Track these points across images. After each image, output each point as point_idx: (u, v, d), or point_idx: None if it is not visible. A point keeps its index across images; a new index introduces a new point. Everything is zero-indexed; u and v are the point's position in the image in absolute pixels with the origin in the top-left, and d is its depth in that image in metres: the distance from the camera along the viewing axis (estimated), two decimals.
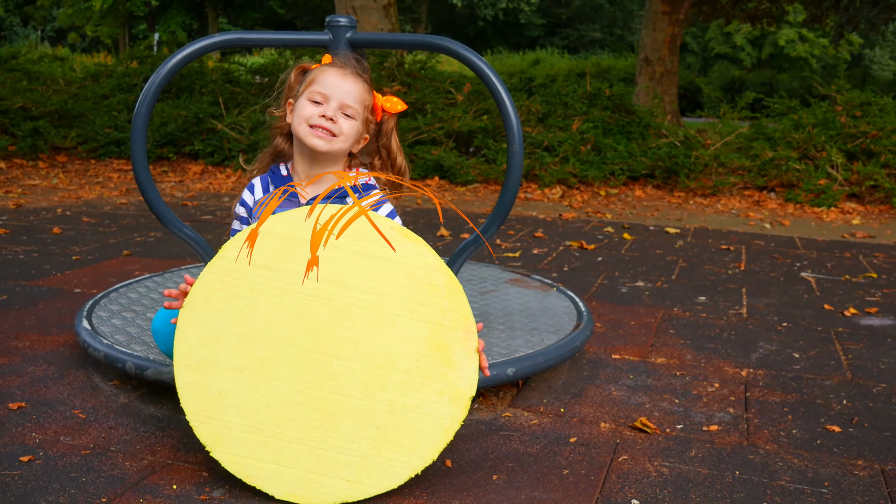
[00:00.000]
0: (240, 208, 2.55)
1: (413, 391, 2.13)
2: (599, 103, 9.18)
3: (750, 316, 3.99)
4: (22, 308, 3.76)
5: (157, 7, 36.47)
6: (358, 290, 2.14)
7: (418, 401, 2.13)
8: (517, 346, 2.92)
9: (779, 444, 2.55)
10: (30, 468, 2.24)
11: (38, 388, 2.82)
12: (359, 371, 2.13)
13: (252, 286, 2.15)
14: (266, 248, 2.15)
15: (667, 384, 3.04)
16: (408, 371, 2.13)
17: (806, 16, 21.85)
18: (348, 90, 2.44)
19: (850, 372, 3.22)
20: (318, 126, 2.39)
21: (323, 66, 2.50)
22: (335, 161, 2.49)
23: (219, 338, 2.14)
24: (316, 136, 2.39)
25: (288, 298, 2.14)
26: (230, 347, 2.14)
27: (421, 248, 2.17)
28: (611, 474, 2.32)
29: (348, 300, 2.14)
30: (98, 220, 6.01)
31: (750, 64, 34.55)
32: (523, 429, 2.62)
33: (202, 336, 2.14)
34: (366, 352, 2.13)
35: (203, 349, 2.14)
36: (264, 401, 2.13)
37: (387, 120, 2.59)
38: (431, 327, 2.14)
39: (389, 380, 2.13)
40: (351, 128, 2.44)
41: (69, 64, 12.74)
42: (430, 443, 2.13)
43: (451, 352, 2.14)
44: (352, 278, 2.14)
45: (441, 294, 2.15)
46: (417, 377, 2.13)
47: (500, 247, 5.44)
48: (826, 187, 7.69)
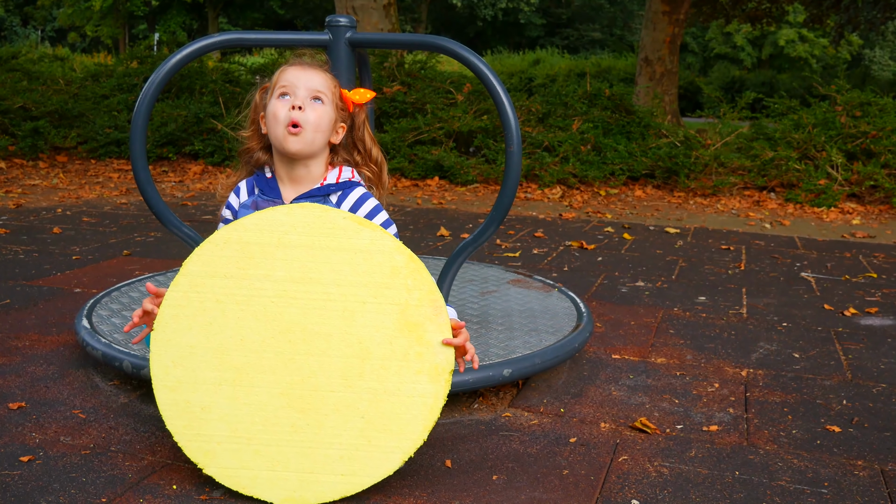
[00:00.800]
0: (226, 211, 2.55)
1: (392, 375, 2.13)
2: (599, 103, 9.18)
3: (750, 316, 3.99)
4: (22, 308, 3.75)
5: (157, 7, 36.50)
6: (322, 285, 2.15)
7: (399, 384, 2.13)
8: (515, 346, 2.92)
9: (779, 444, 2.55)
10: (30, 468, 2.24)
11: (38, 388, 2.82)
12: (336, 364, 2.13)
13: (218, 298, 2.15)
14: (226, 258, 2.16)
15: (667, 384, 3.04)
16: (384, 356, 2.13)
17: (806, 16, 21.86)
18: (312, 77, 2.44)
19: (850, 372, 3.22)
20: (290, 123, 2.37)
21: (283, 67, 2.51)
22: (316, 157, 2.47)
23: (193, 354, 2.14)
24: (290, 133, 2.37)
25: (254, 304, 2.14)
26: (206, 361, 2.14)
27: (377, 234, 2.17)
28: (611, 474, 2.31)
29: (314, 296, 2.14)
30: (98, 219, 6.01)
31: (750, 64, 34.56)
32: (523, 429, 2.62)
33: (176, 355, 2.14)
34: (339, 344, 2.14)
35: (179, 367, 2.14)
36: (247, 409, 2.13)
37: (358, 113, 2.58)
38: (400, 308, 2.15)
39: (367, 367, 2.13)
40: (321, 114, 2.42)
41: (69, 64, 12.75)
42: (418, 424, 2.13)
43: (423, 329, 2.14)
44: (314, 274, 2.15)
45: (403, 274, 2.16)
46: (394, 360, 2.13)
47: (501, 247, 5.44)
48: (826, 187, 7.69)
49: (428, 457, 2.38)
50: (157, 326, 2.15)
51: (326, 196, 2.45)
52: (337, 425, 2.12)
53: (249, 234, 2.16)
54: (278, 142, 2.39)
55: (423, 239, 5.63)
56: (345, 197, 2.46)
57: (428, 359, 2.14)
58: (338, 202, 2.45)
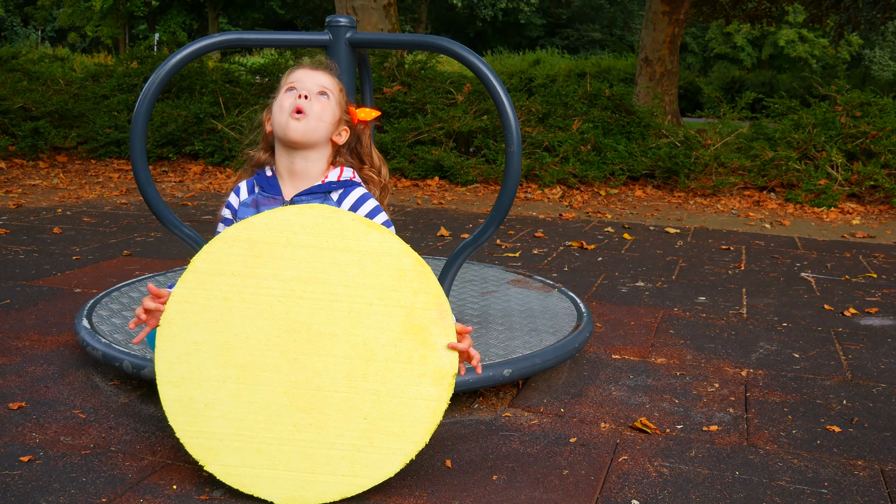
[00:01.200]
0: (225, 210, 2.56)
1: (396, 377, 2.13)
2: (599, 103, 9.18)
3: (750, 316, 3.99)
4: (22, 308, 3.76)
5: (157, 7, 36.51)
6: (329, 285, 2.15)
7: (402, 386, 2.13)
8: (515, 346, 2.92)
9: (779, 444, 2.55)
10: (30, 468, 2.24)
11: (38, 388, 2.82)
12: (340, 365, 2.13)
13: (225, 295, 2.15)
14: (234, 256, 2.16)
15: (667, 384, 3.04)
16: (388, 358, 2.14)
17: (806, 16, 21.86)
18: (319, 75, 2.51)
19: (850, 372, 3.22)
20: (295, 109, 2.41)
21: (291, 68, 2.56)
22: (317, 150, 2.48)
23: (198, 351, 2.14)
24: (293, 118, 2.40)
25: (261, 303, 2.15)
26: (210, 359, 2.14)
27: (385, 236, 2.17)
28: (611, 474, 2.31)
29: (321, 296, 2.15)
30: (98, 220, 6.01)
31: (750, 64, 34.57)
32: (523, 429, 2.62)
33: (181, 351, 2.14)
34: (344, 345, 2.14)
35: (184, 364, 2.14)
36: (251, 407, 2.13)
37: (363, 130, 2.63)
38: (405, 311, 2.15)
39: (371, 369, 2.13)
40: (325, 106, 2.46)
41: (69, 64, 12.74)
42: (421, 426, 2.13)
43: (428, 333, 2.15)
44: (321, 274, 2.15)
45: (410, 277, 2.16)
46: (398, 363, 2.14)
47: (501, 247, 5.44)
48: (826, 187, 7.69)
49: (428, 457, 2.38)
50: (163, 322, 2.15)
51: (327, 193, 2.46)
52: (339, 426, 2.12)
53: (258, 233, 2.17)
54: (281, 130, 2.42)
55: (423, 239, 5.63)
56: (345, 195, 2.47)
57: (432, 362, 2.14)
58: (338, 200, 2.46)
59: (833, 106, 8.77)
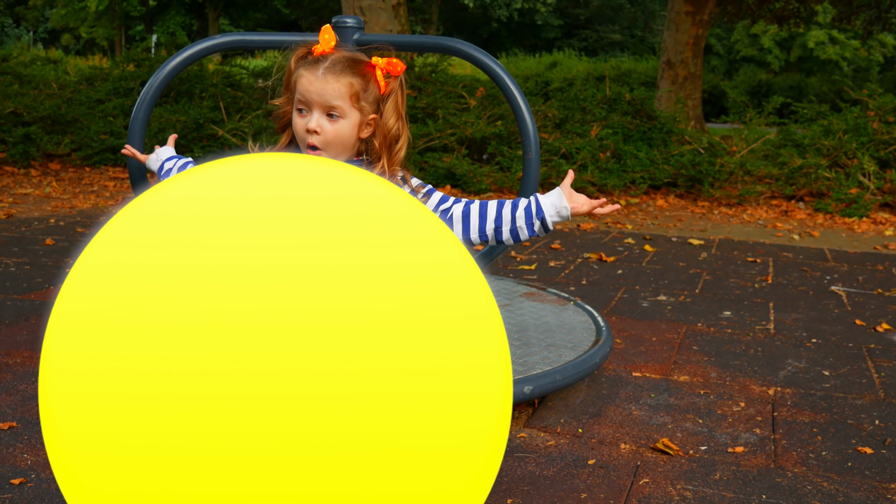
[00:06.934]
0: None
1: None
2: (619, 108, 9.20)
3: (777, 332, 3.99)
4: (13, 323, 3.78)
5: (154, 7, 36.69)
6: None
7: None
8: (534, 362, 2.92)
9: (808, 466, 2.55)
10: (21, 491, 2.25)
11: (29, 408, 2.83)
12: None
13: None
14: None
15: (690, 403, 3.04)
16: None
17: (834, 13, 21.83)
18: (324, 87, 2.39)
19: (883, 390, 3.22)
20: (308, 145, 2.40)
21: (299, 69, 2.46)
22: (343, 152, 2.47)
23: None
24: (309, 151, 2.40)
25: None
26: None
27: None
28: (631, 498, 2.32)
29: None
30: (93, 230, 6.02)
31: (777, 67, 34.53)
32: (539, 450, 2.62)
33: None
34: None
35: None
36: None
37: (388, 95, 2.52)
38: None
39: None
40: (338, 130, 2.42)
41: (63, 67, 12.84)
42: None
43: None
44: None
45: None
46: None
47: (516, 259, 5.45)
48: (857, 196, 7.68)
49: None
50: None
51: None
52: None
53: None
54: (301, 146, 2.43)
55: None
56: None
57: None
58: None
59: (865, 111, 8.77)
